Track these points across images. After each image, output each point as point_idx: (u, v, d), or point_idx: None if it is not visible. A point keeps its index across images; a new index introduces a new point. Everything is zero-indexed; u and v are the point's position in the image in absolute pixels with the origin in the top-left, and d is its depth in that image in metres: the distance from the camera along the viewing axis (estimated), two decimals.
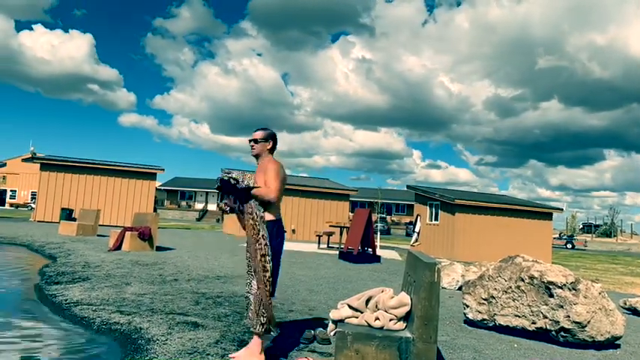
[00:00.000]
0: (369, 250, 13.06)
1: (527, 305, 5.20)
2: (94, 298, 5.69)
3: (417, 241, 22.63)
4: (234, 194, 3.71)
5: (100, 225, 16.11)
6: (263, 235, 3.58)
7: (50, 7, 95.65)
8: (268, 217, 3.69)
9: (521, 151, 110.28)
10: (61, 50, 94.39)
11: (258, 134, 3.92)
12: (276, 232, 3.72)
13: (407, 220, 52.98)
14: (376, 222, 41.18)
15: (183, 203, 59.64)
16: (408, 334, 3.19)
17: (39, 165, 22.15)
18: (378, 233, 21.00)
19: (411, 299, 3.38)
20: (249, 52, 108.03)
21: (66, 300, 5.63)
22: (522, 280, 5.29)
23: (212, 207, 57.08)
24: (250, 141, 3.94)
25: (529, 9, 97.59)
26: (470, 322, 5.69)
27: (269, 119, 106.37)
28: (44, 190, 21.58)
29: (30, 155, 24.55)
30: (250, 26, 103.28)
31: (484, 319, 5.52)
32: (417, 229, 23.07)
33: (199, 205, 57.92)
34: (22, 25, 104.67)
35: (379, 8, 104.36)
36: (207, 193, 59.35)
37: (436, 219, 20.79)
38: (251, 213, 3.62)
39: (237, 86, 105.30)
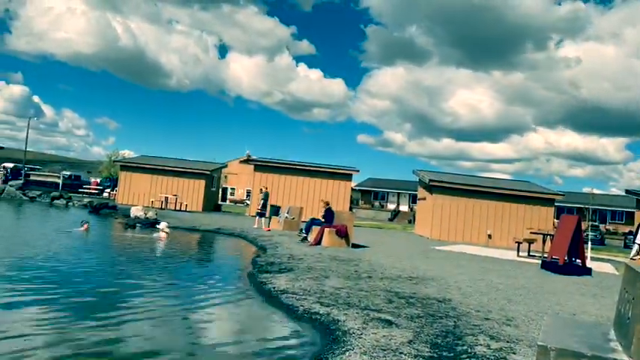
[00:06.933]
0: (578, 261, 11.83)
1: None
2: (297, 288, 6.21)
3: (638, 253, 19.73)
4: None
5: (302, 221, 17.46)
6: None
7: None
8: None
9: None
10: (275, 74, 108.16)
11: None
12: None
13: (625, 229, 46.34)
14: (587, 230, 36.91)
15: (377, 203, 61.05)
16: (625, 358, 2.82)
17: (253, 166, 24.99)
18: (589, 243, 18.81)
19: (629, 318, 2.98)
20: (443, 64, 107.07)
21: (274, 288, 6.26)
22: None
23: (404, 207, 57.45)
24: None
25: None
26: None
27: (459, 126, 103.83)
28: (257, 188, 24.23)
29: (246, 157, 27.78)
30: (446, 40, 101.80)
31: None
32: (638, 240, 20.12)
33: (391, 206, 58.67)
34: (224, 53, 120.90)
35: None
36: (398, 194, 59.90)
37: None
38: None
39: (428, 95, 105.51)
